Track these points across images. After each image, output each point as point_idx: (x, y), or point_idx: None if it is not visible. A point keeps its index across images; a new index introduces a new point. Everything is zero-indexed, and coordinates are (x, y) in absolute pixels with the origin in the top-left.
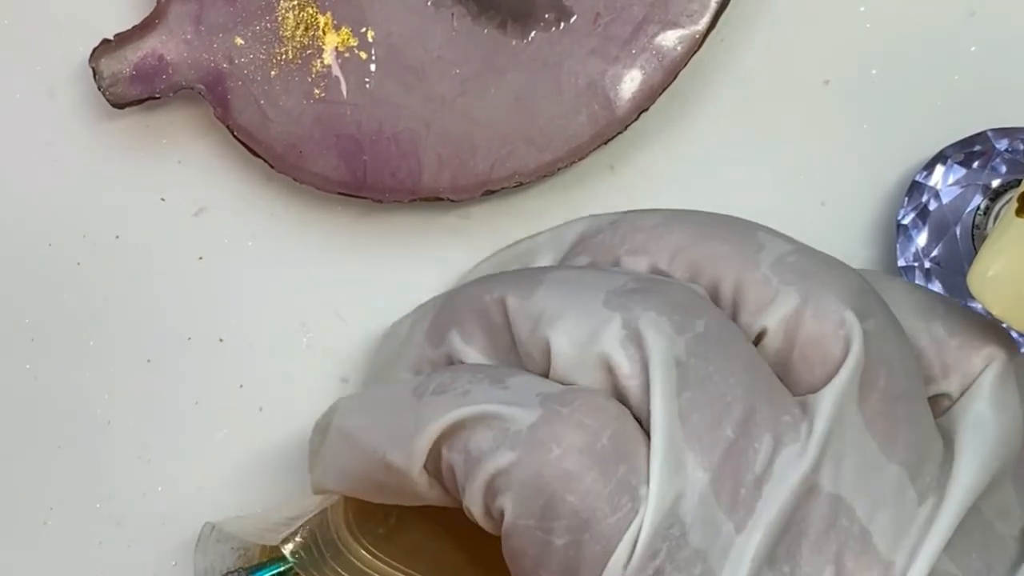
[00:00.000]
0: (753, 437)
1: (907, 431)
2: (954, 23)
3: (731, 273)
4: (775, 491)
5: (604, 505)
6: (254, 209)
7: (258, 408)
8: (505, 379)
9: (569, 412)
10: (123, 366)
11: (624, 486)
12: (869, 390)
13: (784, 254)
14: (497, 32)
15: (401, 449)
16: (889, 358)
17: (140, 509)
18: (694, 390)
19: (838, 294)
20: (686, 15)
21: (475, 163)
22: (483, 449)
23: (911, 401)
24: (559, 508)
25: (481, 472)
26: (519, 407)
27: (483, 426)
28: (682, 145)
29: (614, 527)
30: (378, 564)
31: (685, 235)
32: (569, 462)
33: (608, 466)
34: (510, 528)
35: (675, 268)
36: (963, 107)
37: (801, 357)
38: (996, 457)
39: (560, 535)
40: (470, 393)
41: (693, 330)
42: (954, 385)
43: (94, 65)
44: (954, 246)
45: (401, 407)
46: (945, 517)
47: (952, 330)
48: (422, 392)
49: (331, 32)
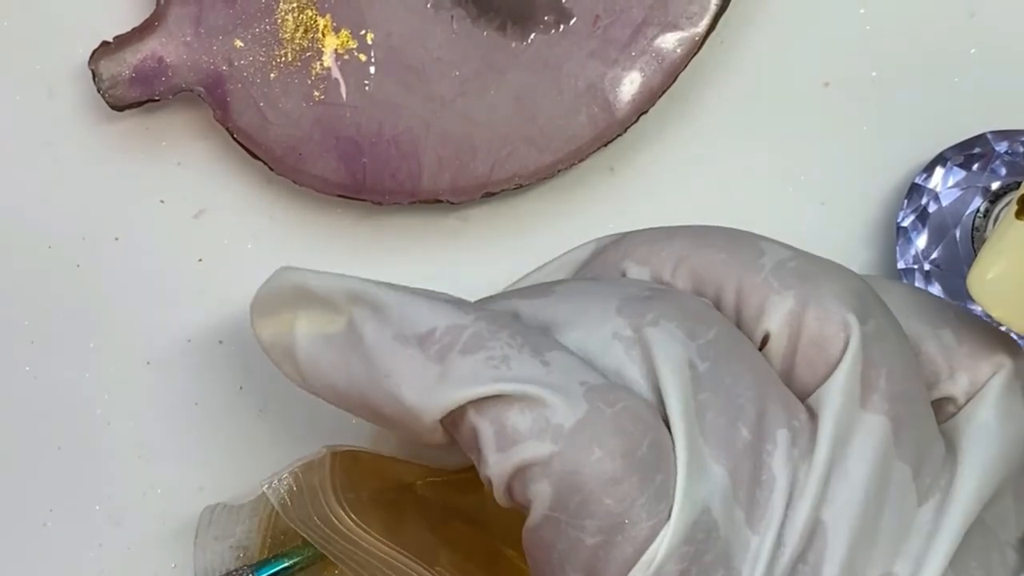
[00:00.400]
0: (766, 438)
1: (909, 431)
2: (954, 24)
3: (733, 279)
4: (789, 491)
5: (640, 511)
6: (254, 211)
7: (258, 409)
8: (545, 352)
9: (613, 414)
10: (123, 366)
11: (662, 494)
12: (870, 390)
13: (784, 259)
14: (497, 34)
15: (417, 390)
16: (889, 359)
17: (140, 509)
18: (708, 392)
19: (838, 296)
20: (685, 17)
21: (475, 165)
22: (520, 430)
23: (911, 401)
24: (594, 508)
25: (516, 453)
26: (563, 396)
27: (523, 405)
28: (682, 147)
29: (648, 531)
30: (355, 528)
31: (686, 245)
32: (610, 465)
33: (647, 474)
34: (540, 519)
35: (678, 278)
36: (963, 109)
37: (804, 359)
38: (1001, 466)
39: (592, 534)
40: (509, 361)
41: (705, 336)
42: (960, 390)
43: (93, 67)
44: (954, 248)
45: (430, 343)
46: (951, 526)
47: (961, 337)
48: (455, 340)
49: (331, 34)
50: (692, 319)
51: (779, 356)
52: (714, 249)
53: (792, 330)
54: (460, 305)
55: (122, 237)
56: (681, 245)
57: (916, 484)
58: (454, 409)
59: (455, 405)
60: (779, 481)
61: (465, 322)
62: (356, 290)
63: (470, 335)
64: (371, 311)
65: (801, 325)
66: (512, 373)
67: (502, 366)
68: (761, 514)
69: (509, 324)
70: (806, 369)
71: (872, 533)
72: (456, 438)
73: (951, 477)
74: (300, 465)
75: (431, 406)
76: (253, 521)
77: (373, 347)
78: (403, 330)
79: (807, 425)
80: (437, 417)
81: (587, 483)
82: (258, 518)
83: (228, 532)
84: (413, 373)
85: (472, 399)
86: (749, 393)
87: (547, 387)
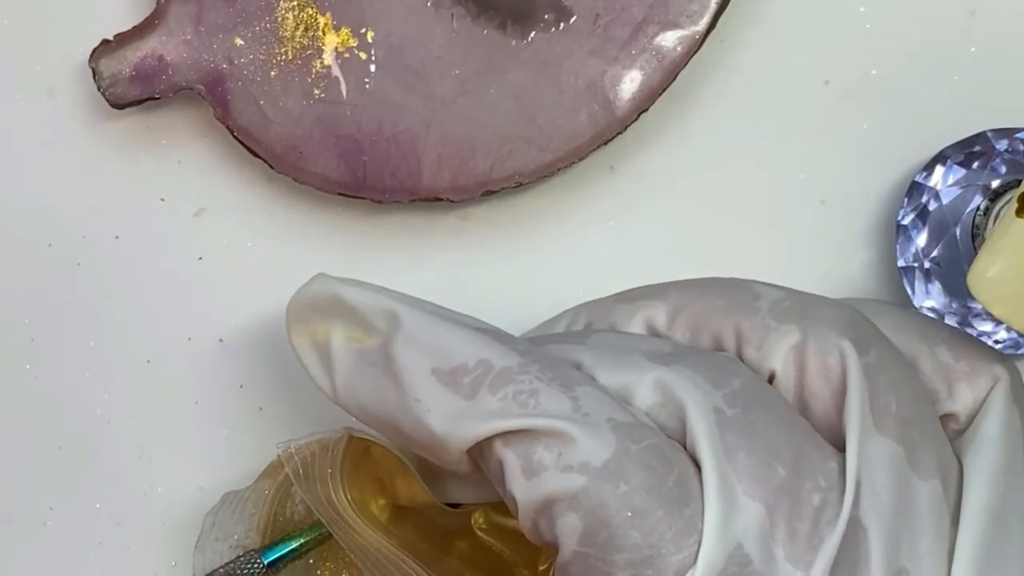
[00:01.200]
0: (805, 476)
1: (928, 452)
2: (954, 23)
3: (731, 323)
4: (833, 528)
5: (669, 545)
6: (254, 209)
7: (258, 408)
8: (575, 387)
9: (639, 451)
10: (123, 366)
11: (691, 528)
12: (883, 416)
13: (779, 299)
14: (497, 32)
15: (445, 419)
16: (896, 385)
17: (140, 509)
18: (737, 435)
19: (835, 328)
20: (686, 16)
21: (475, 163)
22: (546, 464)
23: (924, 422)
24: (621, 541)
25: (542, 487)
26: (591, 431)
27: (550, 440)
28: (682, 145)
29: (677, 565)
30: (355, 514)
31: (681, 296)
32: (636, 499)
33: (674, 508)
34: (570, 555)
35: (675, 329)
36: (963, 107)
37: (811, 394)
38: (1007, 476)
39: (622, 568)
40: (539, 395)
41: (730, 386)
42: (962, 406)
43: (94, 65)
44: (954, 247)
45: (461, 374)
46: (970, 544)
47: (958, 353)
48: (486, 373)
49: (331, 33)
50: (717, 371)
51: (789, 393)
52: (710, 297)
53: (797, 365)
54: (495, 336)
55: (122, 236)
56: (676, 296)
57: (947, 502)
58: (481, 440)
59: (482, 437)
60: (820, 518)
61: (497, 355)
62: (391, 310)
63: (501, 368)
64: (405, 335)
65: (804, 360)
66: (541, 408)
67: (531, 400)
68: (804, 550)
69: (540, 359)
70: (816, 404)
71: (910, 558)
72: (483, 468)
73: (962, 492)
74: (317, 442)
75: (459, 437)
76: (253, 520)
77: (404, 372)
78: (435, 358)
79: (840, 468)
80: (464, 448)
81: (614, 517)
82: (258, 516)
83: (228, 533)
84: (442, 402)
85: (500, 432)
86: (780, 437)
87: (575, 423)
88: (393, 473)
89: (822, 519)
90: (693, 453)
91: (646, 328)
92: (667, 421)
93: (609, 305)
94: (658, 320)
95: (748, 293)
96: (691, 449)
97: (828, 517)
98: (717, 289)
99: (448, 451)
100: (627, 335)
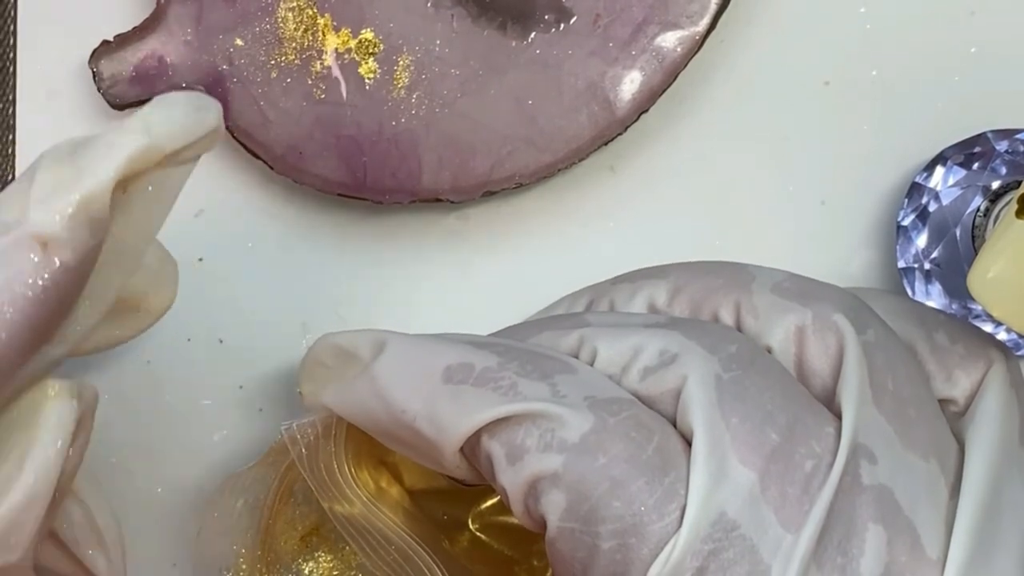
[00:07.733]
0: (798, 442)
1: (925, 429)
2: (954, 23)
3: (730, 301)
4: (822, 490)
5: (651, 512)
6: (254, 210)
7: (258, 409)
8: (553, 375)
9: (616, 423)
10: (123, 366)
11: (672, 494)
12: (881, 393)
13: (778, 281)
14: (497, 33)
15: (433, 422)
16: (893, 364)
17: (140, 509)
18: (732, 401)
19: (834, 306)
20: (686, 16)
21: (475, 164)
22: (527, 447)
23: (922, 402)
24: (604, 512)
25: (525, 470)
26: (568, 409)
27: (530, 423)
28: (682, 146)
29: (661, 531)
30: (357, 490)
31: (680, 276)
32: (615, 470)
33: (654, 476)
34: (556, 531)
35: (676, 306)
36: (963, 108)
37: (810, 371)
38: (1005, 453)
39: (607, 539)
40: (517, 386)
41: (726, 351)
42: (960, 390)
43: (94, 66)
44: (954, 247)
45: (445, 379)
46: (970, 515)
47: (954, 337)
48: (467, 376)
49: (331, 33)
50: (713, 337)
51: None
52: (711, 276)
53: (795, 341)
54: (475, 342)
55: None
56: (675, 276)
57: (944, 479)
58: (471, 438)
59: (469, 432)
60: (812, 481)
61: (478, 358)
62: (377, 338)
63: (482, 369)
64: (387, 354)
65: (803, 336)
66: (520, 395)
67: (510, 392)
68: (794, 512)
69: (519, 356)
70: (814, 379)
71: (907, 525)
72: (478, 468)
73: (962, 470)
74: (321, 423)
75: (448, 437)
76: (253, 519)
77: (386, 386)
78: (417, 369)
79: (836, 432)
80: (455, 448)
81: (594, 489)
82: (258, 514)
83: (229, 529)
84: (427, 408)
85: (484, 424)
86: (778, 401)
87: (552, 403)
88: (397, 456)
89: (813, 483)
90: (685, 417)
91: (647, 306)
92: (663, 385)
93: (610, 285)
94: (659, 298)
95: (748, 274)
96: (683, 413)
97: (819, 481)
98: (718, 269)
99: (444, 455)
100: (625, 313)
